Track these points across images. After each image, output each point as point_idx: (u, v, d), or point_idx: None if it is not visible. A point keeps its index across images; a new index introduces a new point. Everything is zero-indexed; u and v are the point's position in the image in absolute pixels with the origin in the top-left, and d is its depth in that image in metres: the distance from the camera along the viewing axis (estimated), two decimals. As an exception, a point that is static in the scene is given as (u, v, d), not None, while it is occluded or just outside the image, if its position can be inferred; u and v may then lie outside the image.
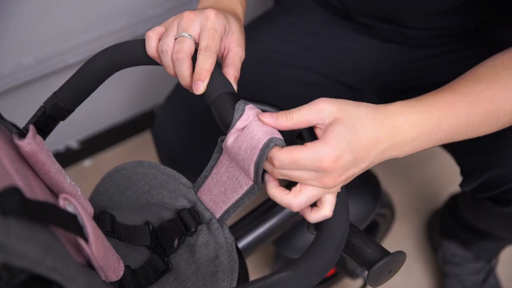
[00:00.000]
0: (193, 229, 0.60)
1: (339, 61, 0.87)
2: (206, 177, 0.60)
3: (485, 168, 0.70)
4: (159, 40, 0.56)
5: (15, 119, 0.62)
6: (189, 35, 0.54)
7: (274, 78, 0.86)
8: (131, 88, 1.37)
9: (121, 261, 0.53)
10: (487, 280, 1.11)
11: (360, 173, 0.52)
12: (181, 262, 0.60)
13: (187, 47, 0.53)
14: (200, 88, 0.53)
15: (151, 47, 0.56)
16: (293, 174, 0.49)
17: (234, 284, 0.56)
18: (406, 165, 1.41)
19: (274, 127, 0.50)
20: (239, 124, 0.51)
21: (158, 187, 0.64)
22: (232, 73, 0.56)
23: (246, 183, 0.55)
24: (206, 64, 0.53)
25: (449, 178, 1.35)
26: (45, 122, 0.59)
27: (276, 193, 0.51)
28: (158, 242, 0.62)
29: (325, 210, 0.50)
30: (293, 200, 0.50)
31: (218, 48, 0.55)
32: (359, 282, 1.18)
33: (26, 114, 0.60)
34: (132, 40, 0.58)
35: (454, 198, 1.12)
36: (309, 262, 0.46)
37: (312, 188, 0.49)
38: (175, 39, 0.54)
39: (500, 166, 0.67)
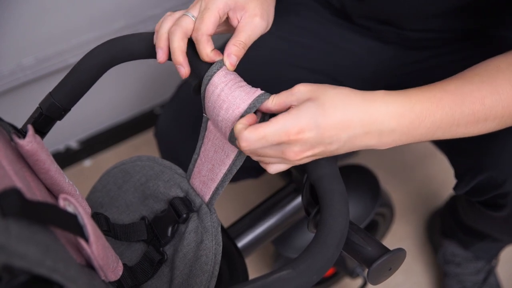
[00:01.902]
0: (184, 215, 0.60)
1: (340, 62, 0.87)
2: (196, 160, 0.61)
3: (477, 171, 0.69)
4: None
5: (15, 119, 0.62)
6: (193, 16, 0.55)
7: (276, 78, 0.86)
8: (131, 88, 1.37)
9: (119, 261, 0.53)
10: (487, 280, 1.11)
11: (329, 154, 0.51)
12: (175, 252, 0.60)
13: (184, 22, 0.55)
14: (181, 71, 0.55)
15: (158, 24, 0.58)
16: (261, 152, 0.50)
17: (217, 267, 0.56)
18: (406, 165, 1.41)
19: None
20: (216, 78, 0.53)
21: (155, 177, 0.65)
22: (228, 50, 0.55)
23: (232, 151, 0.56)
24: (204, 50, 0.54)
25: (449, 178, 1.34)
26: (42, 123, 0.59)
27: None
28: (153, 234, 0.62)
29: (269, 169, 0.53)
30: (266, 166, 0.53)
31: (207, 28, 0.54)
32: (359, 281, 1.18)
33: (26, 114, 0.60)
34: (124, 35, 0.58)
35: (454, 199, 1.12)
36: (309, 260, 0.46)
37: (277, 165, 0.52)
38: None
39: (491, 170, 0.67)
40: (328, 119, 0.48)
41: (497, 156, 0.66)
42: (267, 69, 0.85)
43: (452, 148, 0.78)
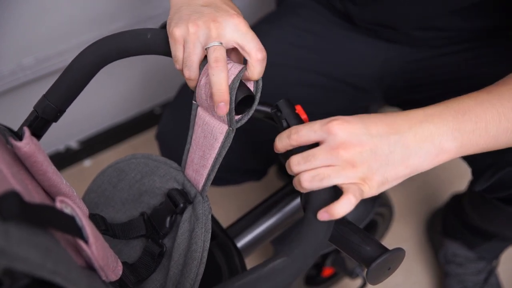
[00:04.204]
0: (181, 205, 0.60)
1: (345, 62, 0.87)
2: (188, 150, 0.62)
3: (499, 167, 0.69)
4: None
5: (15, 119, 0.62)
6: (220, 43, 0.53)
7: (280, 81, 0.85)
8: (131, 88, 1.37)
9: (119, 260, 0.53)
10: (488, 280, 1.11)
11: (388, 180, 0.50)
12: (173, 243, 0.61)
13: (224, 54, 0.53)
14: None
15: (179, 57, 0.55)
16: (310, 162, 0.49)
17: (206, 254, 0.56)
18: (406, 164, 1.41)
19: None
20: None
21: (150, 173, 0.65)
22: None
23: (220, 132, 0.56)
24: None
25: (450, 178, 1.35)
26: (38, 125, 0.58)
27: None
28: (152, 227, 0.63)
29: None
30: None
31: None
32: (358, 282, 1.18)
33: (26, 114, 0.60)
34: (117, 33, 0.58)
35: (456, 198, 1.12)
36: (302, 245, 0.46)
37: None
38: (205, 49, 0.54)
39: None
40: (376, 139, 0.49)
41: None
42: (271, 72, 0.85)
43: None
